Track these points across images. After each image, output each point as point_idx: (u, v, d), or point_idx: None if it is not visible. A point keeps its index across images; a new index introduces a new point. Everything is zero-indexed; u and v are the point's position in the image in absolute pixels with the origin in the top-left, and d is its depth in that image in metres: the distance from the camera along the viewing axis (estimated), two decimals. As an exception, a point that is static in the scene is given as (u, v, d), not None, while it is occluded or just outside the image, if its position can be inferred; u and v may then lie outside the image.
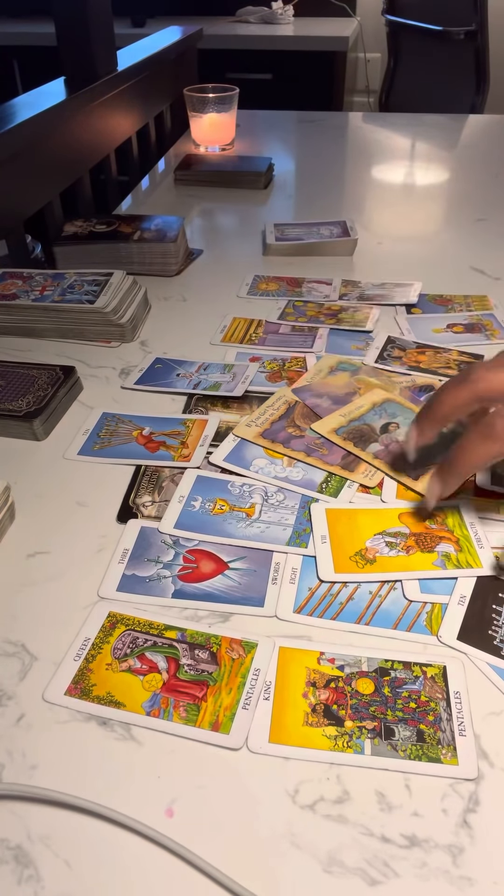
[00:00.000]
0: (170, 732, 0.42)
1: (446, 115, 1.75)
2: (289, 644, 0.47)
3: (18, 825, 0.38)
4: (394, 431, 0.60)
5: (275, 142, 1.58)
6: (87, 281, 0.84)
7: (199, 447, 0.64)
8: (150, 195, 1.32)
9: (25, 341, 0.82)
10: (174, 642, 0.47)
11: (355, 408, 0.64)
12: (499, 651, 0.46)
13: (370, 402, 0.65)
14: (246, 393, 0.72)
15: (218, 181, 1.31)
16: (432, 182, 1.35)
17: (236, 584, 0.51)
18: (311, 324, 0.85)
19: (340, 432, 0.63)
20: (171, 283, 0.96)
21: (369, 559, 0.53)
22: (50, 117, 1.08)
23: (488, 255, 1.02)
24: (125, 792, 0.39)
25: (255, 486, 0.60)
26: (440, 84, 2.47)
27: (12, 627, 0.49)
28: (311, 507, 0.58)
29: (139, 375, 0.75)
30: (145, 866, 0.36)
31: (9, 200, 1.03)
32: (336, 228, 1.07)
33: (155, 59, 1.51)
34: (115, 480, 0.61)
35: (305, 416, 0.66)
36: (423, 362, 0.77)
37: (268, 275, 0.97)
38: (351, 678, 0.45)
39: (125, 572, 0.52)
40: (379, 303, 0.89)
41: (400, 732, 0.42)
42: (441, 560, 0.52)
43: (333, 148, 1.55)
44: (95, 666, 0.46)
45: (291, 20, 2.57)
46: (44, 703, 0.44)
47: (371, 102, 2.86)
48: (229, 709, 0.43)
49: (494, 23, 2.40)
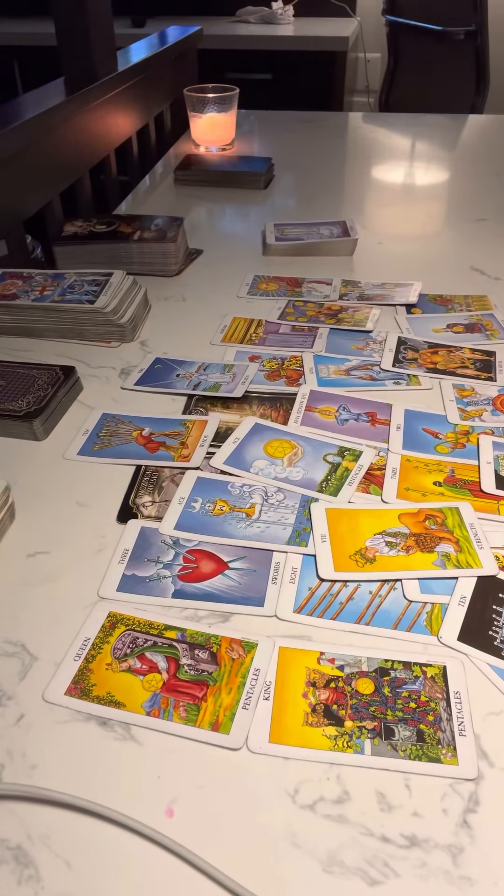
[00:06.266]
0: (170, 732, 0.42)
1: (446, 115, 1.75)
2: (289, 644, 0.47)
3: (18, 825, 0.38)
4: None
5: (275, 142, 1.58)
6: (87, 281, 0.84)
7: (198, 448, 0.64)
8: (150, 195, 1.32)
9: (25, 341, 0.82)
10: (174, 642, 0.47)
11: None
12: (499, 652, 0.46)
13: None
14: (246, 393, 0.72)
15: (218, 181, 1.31)
16: (432, 182, 1.35)
17: (236, 583, 0.51)
18: (311, 324, 0.85)
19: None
20: (171, 283, 0.96)
21: (369, 558, 0.53)
22: (50, 117, 1.08)
23: (488, 255, 1.02)
24: (125, 792, 0.39)
25: (254, 487, 0.60)
26: (440, 84, 2.47)
27: (12, 627, 0.49)
28: (310, 507, 0.58)
29: (139, 376, 0.75)
30: (145, 866, 0.36)
31: (9, 200, 1.03)
32: (336, 228, 1.07)
33: (155, 59, 1.51)
34: (115, 480, 0.61)
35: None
36: (439, 363, 0.77)
37: (268, 275, 0.97)
38: (351, 678, 0.45)
39: (125, 572, 0.52)
40: (379, 303, 0.89)
41: (400, 732, 0.42)
42: (441, 560, 0.52)
43: (333, 148, 1.55)
44: (95, 666, 0.46)
45: (291, 20, 2.57)
46: (44, 703, 0.44)
47: (371, 102, 2.86)
48: (229, 709, 0.43)
49: (494, 23, 2.40)
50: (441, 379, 0.75)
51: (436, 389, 0.73)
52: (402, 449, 0.64)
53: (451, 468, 0.62)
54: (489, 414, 0.69)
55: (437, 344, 0.81)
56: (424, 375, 0.75)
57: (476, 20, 2.29)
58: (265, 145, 1.57)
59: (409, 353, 0.79)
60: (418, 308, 0.89)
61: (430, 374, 0.75)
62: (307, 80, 2.39)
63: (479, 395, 0.72)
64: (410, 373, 0.76)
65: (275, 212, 1.21)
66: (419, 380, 0.75)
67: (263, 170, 1.29)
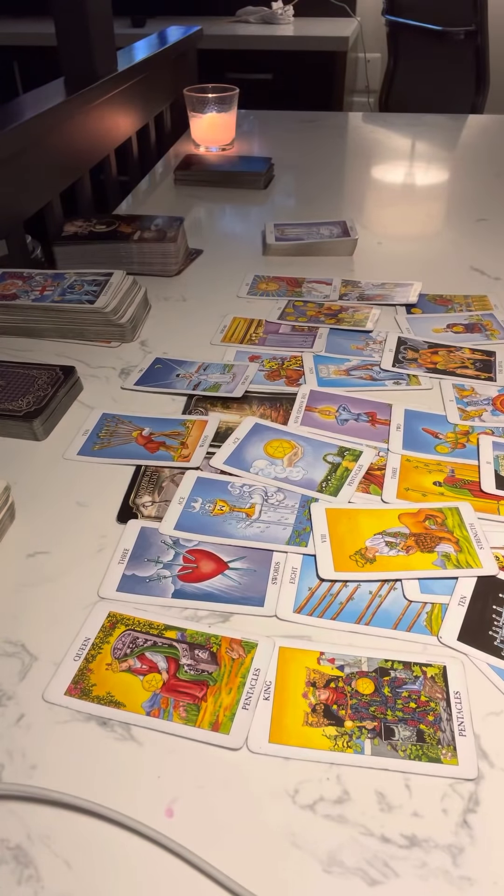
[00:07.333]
0: (170, 732, 0.42)
1: (446, 115, 1.75)
2: (289, 644, 0.47)
3: (18, 825, 0.38)
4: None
5: (275, 142, 1.58)
6: (87, 281, 0.84)
7: (198, 448, 0.64)
8: (150, 195, 1.32)
9: (25, 341, 0.82)
10: (174, 642, 0.47)
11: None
12: (499, 652, 0.46)
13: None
14: (246, 393, 0.72)
15: (218, 181, 1.31)
16: (432, 182, 1.35)
17: (236, 583, 0.51)
18: (311, 324, 0.85)
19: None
20: (171, 283, 0.96)
21: (369, 558, 0.53)
22: (50, 117, 1.08)
23: (488, 255, 1.02)
24: (125, 792, 0.39)
25: (254, 487, 0.60)
26: (440, 84, 2.47)
27: (12, 627, 0.49)
28: (310, 507, 0.58)
29: (139, 376, 0.75)
30: (145, 866, 0.36)
31: (9, 200, 1.03)
32: (336, 228, 1.07)
33: (155, 59, 1.51)
34: (115, 480, 0.61)
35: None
36: (440, 363, 0.77)
37: (268, 275, 0.97)
38: (351, 678, 0.45)
39: (125, 572, 0.52)
40: (379, 303, 0.89)
41: (400, 732, 0.42)
42: (441, 560, 0.52)
43: (333, 148, 1.55)
44: (95, 666, 0.46)
45: (291, 20, 2.57)
46: (44, 703, 0.44)
47: (371, 102, 2.85)
48: (229, 709, 0.43)
49: (494, 23, 2.40)
50: (441, 379, 0.75)
51: (436, 389, 0.73)
52: (402, 449, 0.64)
53: (451, 468, 0.62)
54: (489, 414, 0.69)
55: (437, 344, 0.81)
56: (424, 375, 0.75)
57: (476, 20, 2.29)
58: (265, 145, 1.57)
59: (409, 353, 0.79)
60: (418, 308, 0.89)
61: (430, 374, 0.75)
62: (307, 80, 2.39)
63: (479, 395, 0.72)
64: (410, 373, 0.76)
65: (275, 212, 1.21)
66: (419, 380, 0.75)
67: (263, 170, 1.29)
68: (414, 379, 0.75)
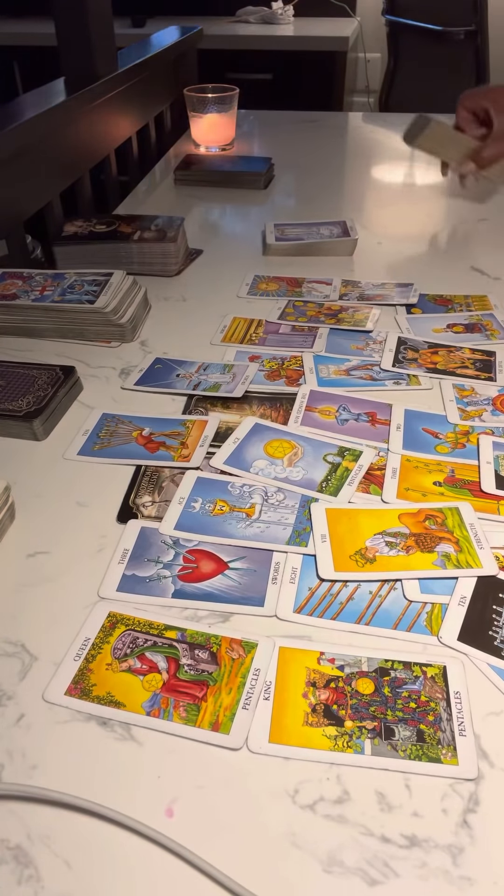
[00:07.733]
0: (170, 732, 0.42)
1: (446, 115, 1.75)
2: (289, 644, 0.47)
3: (18, 825, 0.38)
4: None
5: (275, 142, 1.58)
6: (87, 281, 0.84)
7: (198, 448, 0.64)
8: (150, 195, 1.32)
9: (25, 341, 0.82)
10: (174, 642, 0.47)
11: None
12: (499, 652, 0.46)
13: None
14: (246, 393, 0.72)
15: (218, 181, 1.31)
16: (432, 182, 1.35)
17: (236, 583, 0.51)
18: (311, 324, 0.85)
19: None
20: (171, 283, 0.96)
21: (369, 558, 0.53)
22: (50, 118, 1.07)
23: (488, 255, 1.02)
24: (125, 792, 0.39)
25: (254, 487, 0.60)
26: (440, 84, 2.47)
27: (12, 627, 0.49)
28: (311, 507, 0.58)
29: (139, 376, 0.75)
30: (145, 866, 0.36)
31: (9, 200, 1.03)
32: (336, 228, 1.07)
33: (155, 59, 1.51)
34: (115, 480, 0.61)
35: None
36: (440, 363, 0.77)
37: (268, 275, 0.97)
38: (351, 678, 0.45)
39: (125, 572, 0.52)
40: (379, 303, 0.89)
41: (400, 732, 0.42)
42: (441, 560, 0.52)
43: (333, 148, 1.55)
44: (95, 666, 0.46)
45: (291, 20, 2.57)
46: (44, 703, 0.44)
47: (371, 102, 2.85)
48: (229, 709, 0.43)
49: (494, 23, 2.40)
50: (441, 379, 0.75)
51: (436, 389, 0.73)
52: (402, 449, 0.64)
53: (451, 468, 0.62)
54: (489, 414, 0.69)
55: (437, 344, 0.81)
56: (424, 375, 0.75)
57: (476, 20, 2.29)
58: (265, 145, 1.57)
59: (409, 353, 0.79)
60: (418, 308, 0.89)
61: (430, 374, 0.75)
62: (307, 80, 2.39)
63: (479, 395, 0.72)
64: (410, 373, 0.76)
65: (275, 212, 1.21)
66: (419, 380, 0.75)
67: (263, 170, 1.29)
68: (414, 379, 0.75)
